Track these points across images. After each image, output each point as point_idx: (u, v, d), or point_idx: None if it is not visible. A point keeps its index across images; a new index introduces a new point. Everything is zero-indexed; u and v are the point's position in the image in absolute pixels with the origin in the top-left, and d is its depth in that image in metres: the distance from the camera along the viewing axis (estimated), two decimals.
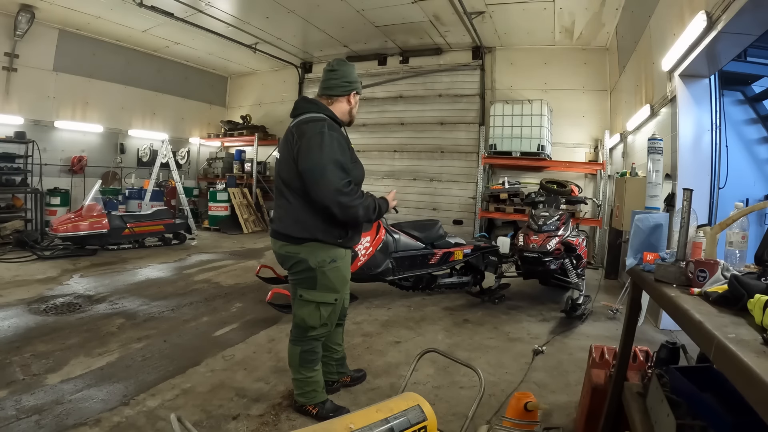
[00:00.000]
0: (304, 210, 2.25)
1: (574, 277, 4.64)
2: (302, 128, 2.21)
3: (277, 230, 2.33)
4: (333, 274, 2.33)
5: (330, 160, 2.14)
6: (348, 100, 2.43)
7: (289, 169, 2.23)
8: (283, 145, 2.30)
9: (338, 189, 2.14)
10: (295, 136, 2.21)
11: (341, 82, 2.38)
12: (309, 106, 2.35)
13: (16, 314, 3.93)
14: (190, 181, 11.48)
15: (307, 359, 2.42)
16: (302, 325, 2.40)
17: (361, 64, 10.14)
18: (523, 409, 2.05)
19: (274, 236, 2.37)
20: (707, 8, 3.25)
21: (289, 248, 2.31)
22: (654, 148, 4.02)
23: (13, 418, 2.31)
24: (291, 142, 2.22)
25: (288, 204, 2.28)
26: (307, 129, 2.19)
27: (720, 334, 1.04)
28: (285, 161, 2.26)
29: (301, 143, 2.17)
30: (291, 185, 2.25)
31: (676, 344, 2.02)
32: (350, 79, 2.41)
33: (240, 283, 5.45)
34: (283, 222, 2.31)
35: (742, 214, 1.70)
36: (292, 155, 2.20)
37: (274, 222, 2.38)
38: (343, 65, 2.41)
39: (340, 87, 2.38)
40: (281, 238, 2.32)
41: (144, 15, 7.62)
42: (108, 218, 6.92)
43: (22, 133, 7.78)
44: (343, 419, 1.40)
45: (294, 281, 2.39)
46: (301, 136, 2.18)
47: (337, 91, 2.38)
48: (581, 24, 7.44)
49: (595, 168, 8.09)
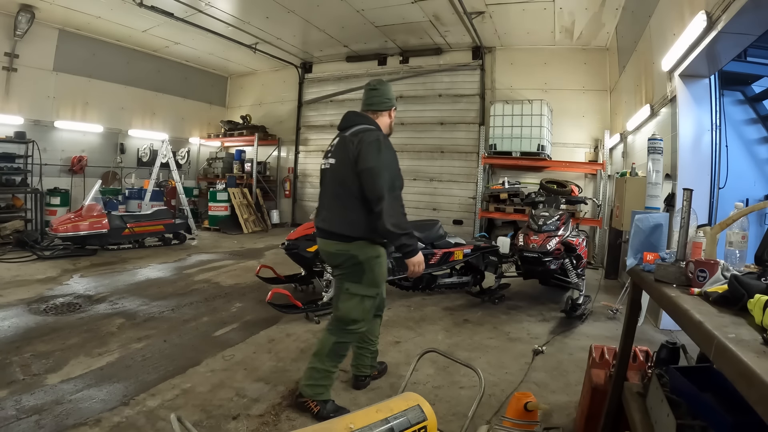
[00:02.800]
0: (357, 212, 2.46)
1: (574, 277, 4.64)
2: (360, 136, 2.48)
3: (330, 230, 2.53)
4: (378, 269, 2.56)
5: (385, 165, 2.43)
6: (389, 114, 2.74)
7: (347, 171, 2.46)
8: (340, 152, 2.52)
9: (387, 191, 2.40)
10: (354, 142, 2.46)
11: (383, 99, 2.70)
12: (359, 119, 2.63)
13: (16, 314, 3.93)
14: (190, 181, 11.48)
15: (336, 352, 2.56)
16: (344, 318, 2.55)
17: (361, 64, 10.16)
18: (523, 409, 2.05)
19: (326, 236, 2.56)
20: (707, 8, 3.25)
21: (340, 246, 2.51)
22: (654, 148, 4.02)
23: (13, 418, 2.31)
24: (350, 149, 2.46)
25: (343, 206, 2.50)
26: (366, 137, 2.47)
27: (720, 334, 1.04)
28: (343, 165, 2.49)
29: (361, 147, 2.43)
30: (349, 187, 2.47)
31: (676, 344, 2.02)
32: (389, 96, 2.73)
33: (240, 283, 5.45)
34: (336, 222, 2.51)
35: (742, 214, 1.70)
36: (351, 159, 2.44)
37: (325, 222, 2.57)
38: (383, 85, 2.74)
39: (382, 103, 2.69)
40: (333, 237, 2.52)
41: (144, 15, 7.63)
42: (108, 218, 6.92)
43: (22, 133, 7.78)
44: (343, 419, 1.40)
45: (342, 276, 2.58)
46: (360, 142, 2.45)
47: (381, 107, 2.69)
48: (581, 24, 7.44)
49: (595, 168, 8.09)
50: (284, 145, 11.44)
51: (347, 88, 10.34)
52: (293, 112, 11.19)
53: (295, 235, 4.45)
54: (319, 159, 8.61)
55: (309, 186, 11.16)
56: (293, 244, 4.37)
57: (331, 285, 4.40)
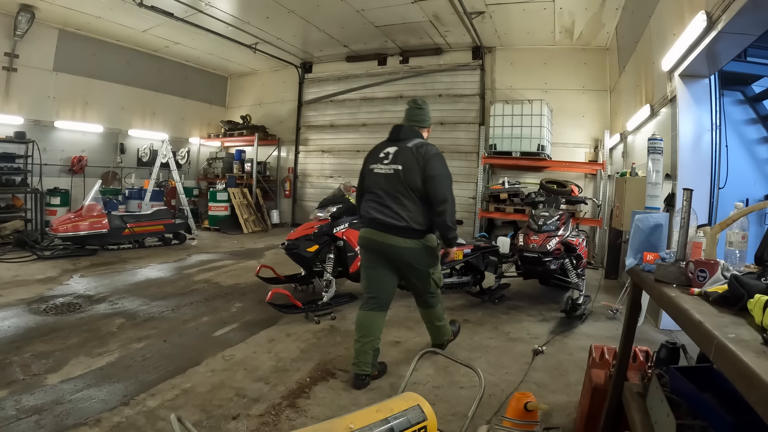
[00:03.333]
0: (422, 212, 2.93)
1: (574, 277, 4.65)
2: (425, 148, 2.93)
3: (401, 226, 2.90)
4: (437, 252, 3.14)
5: (447, 174, 2.96)
6: (428, 130, 3.21)
7: (415, 177, 2.89)
8: (406, 160, 2.92)
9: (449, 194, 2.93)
10: (421, 153, 2.91)
11: (426, 117, 3.17)
12: (413, 133, 3.06)
13: (16, 314, 3.93)
14: (190, 181, 11.48)
15: (443, 310, 3.34)
16: (434, 291, 3.14)
17: (361, 64, 10.16)
18: (523, 409, 2.05)
19: (395, 232, 2.90)
20: (707, 8, 3.25)
21: (406, 242, 2.91)
22: (654, 148, 4.01)
23: (13, 418, 2.31)
24: (417, 158, 2.90)
25: (412, 206, 2.91)
26: (429, 149, 2.94)
27: (720, 334, 1.04)
28: (411, 171, 2.89)
29: (429, 158, 2.89)
30: (417, 190, 2.90)
31: (676, 344, 2.02)
32: (430, 115, 3.24)
33: (240, 283, 5.45)
34: (405, 221, 2.89)
35: (742, 214, 1.70)
36: (419, 167, 2.88)
37: (392, 219, 2.90)
38: (426, 105, 3.21)
39: (425, 121, 3.16)
40: (403, 233, 2.90)
41: (144, 15, 7.62)
42: (108, 218, 6.92)
43: (22, 133, 7.77)
44: (343, 419, 1.40)
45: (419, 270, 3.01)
46: (426, 154, 2.91)
47: (425, 124, 3.17)
48: (581, 24, 7.44)
49: (595, 168, 8.10)
50: (284, 145, 11.44)
51: (347, 88, 10.34)
52: (293, 112, 11.19)
53: (295, 235, 4.45)
54: (319, 159, 8.72)
55: (309, 186, 11.16)
56: (293, 244, 4.36)
57: (331, 285, 4.42)
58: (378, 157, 3.02)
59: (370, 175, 3.04)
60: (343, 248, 4.47)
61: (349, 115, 10.45)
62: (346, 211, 4.61)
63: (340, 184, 5.09)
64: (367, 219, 2.99)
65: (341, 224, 4.48)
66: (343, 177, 10.12)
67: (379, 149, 3.09)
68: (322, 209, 4.67)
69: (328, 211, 4.57)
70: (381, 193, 2.96)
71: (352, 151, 10.35)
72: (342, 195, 4.82)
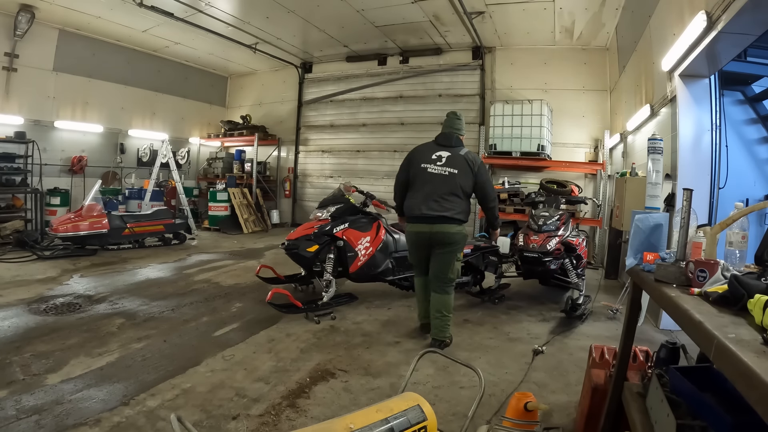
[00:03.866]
0: (465, 206, 3.62)
1: (574, 277, 4.65)
2: (474, 157, 3.68)
3: (448, 216, 3.49)
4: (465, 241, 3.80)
5: (490, 179, 3.80)
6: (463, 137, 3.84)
7: (467, 180, 3.59)
8: (460, 165, 3.59)
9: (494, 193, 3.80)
10: (471, 160, 3.62)
11: (463, 126, 3.84)
12: (460, 142, 3.76)
13: (16, 314, 3.93)
14: (190, 181, 11.47)
15: (452, 304, 3.66)
16: (453, 277, 3.62)
17: (361, 64, 10.16)
18: (523, 409, 2.05)
19: (443, 221, 3.50)
20: (707, 8, 3.25)
21: (451, 228, 3.52)
22: (654, 148, 4.02)
23: (13, 418, 2.30)
24: (469, 164, 3.59)
25: (459, 201, 3.56)
26: (477, 158, 3.73)
27: (720, 334, 1.04)
28: (465, 175, 3.58)
29: (478, 165, 3.66)
30: (467, 191, 3.62)
31: (676, 344, 2.02)
32: (464, 126, 3.88)
33: (240, 283, 5.45)
34: (454, 211, 3.51)
35: (742, 214, 1.70)
36: (472, 172, 3.59)
37: (444, 212, 3.49)
38: (462, 116, 3.89)
39: (462, 129, 3.82)
40: (450, 221, 3.51)
41: (144, 15, 7.63)
42: (108, 218, 6.92)
43: (22, 133, 7.78)
44: (343, 419, 1.40)
45: (453, 250, 3.58)
46: (475, 161, 3.65)
47: (462, 132, 3.82)
48: (581, 24, 7.44)
49: (595, 168, 8.09)
50: (284, 145, 11.43)
51: (347, 88, 10.34)
52: (293, 112, 11.19)
53: (295, 235, 4.44)
54: (319, 159, 8.78)
55: (309, 186, 11.15)
56: (293, 244, 4.36)
57: (331, 285, 4.42)
58: (431, 159, 3.61)
59: (422, 172, 3.61)
60: (343, 248, 4.46)
61: (349, 115, 10.45)
62: (346, 211, 4.60)
63: (340, 184, 5.08)
64: (417, 216, 3.57)
65: (341, 224, 4.48)
66: (343, 177, 10.13)
67: (429, 151, 3.67)
68: (322, 209, 4.67)
69: (328, 211, 4.57)
70: (432, 190, 3.54)
71: (352, 151, 10.36)
72: (342, 195, 4.81)
